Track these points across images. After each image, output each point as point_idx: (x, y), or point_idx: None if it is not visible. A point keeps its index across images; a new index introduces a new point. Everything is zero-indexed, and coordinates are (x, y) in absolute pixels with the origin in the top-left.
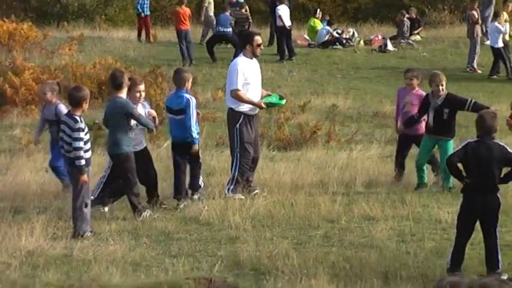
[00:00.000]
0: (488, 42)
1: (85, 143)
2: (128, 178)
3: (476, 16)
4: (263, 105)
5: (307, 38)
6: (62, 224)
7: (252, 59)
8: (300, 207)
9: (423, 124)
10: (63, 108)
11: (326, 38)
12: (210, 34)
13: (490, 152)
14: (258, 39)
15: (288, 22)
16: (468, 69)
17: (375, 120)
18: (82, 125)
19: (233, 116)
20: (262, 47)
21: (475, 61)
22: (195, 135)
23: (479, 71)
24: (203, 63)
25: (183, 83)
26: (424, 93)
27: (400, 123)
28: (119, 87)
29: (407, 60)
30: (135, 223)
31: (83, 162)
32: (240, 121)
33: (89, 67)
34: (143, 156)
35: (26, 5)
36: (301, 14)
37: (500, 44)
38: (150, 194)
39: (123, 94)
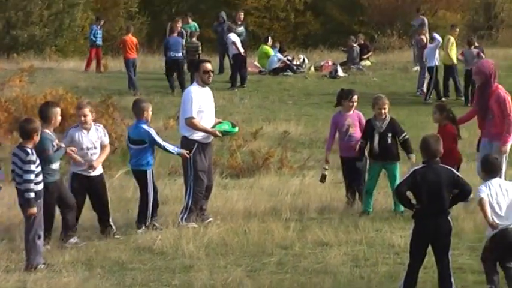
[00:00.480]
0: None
1: (36, 175)
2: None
3: (425, 41)
4: (218, 134)
5: (258, 65)
6: (15, 257)
7: (204, 86)
8: (254, 234)
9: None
10: None
11: (277, 64)
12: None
13: (439, 176)
14: (205, 66)
15: (241, 49)
16: (418, 93)
17: None
18: (33, 158)
19: (187, 144)
20: (211, 74)
21: (424, 85)
22: (172, 149)
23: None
24: (153, 92)
25: (141, 113)
26: (360, 113)
27: (342, 146)
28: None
29: (358, 86)
30: (88, 254)
31: (32, 194)
32: (194, 149)
33: (40, 98)
34: (97, 183)
35: None
36: (251, 41)
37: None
38: (102, 223)
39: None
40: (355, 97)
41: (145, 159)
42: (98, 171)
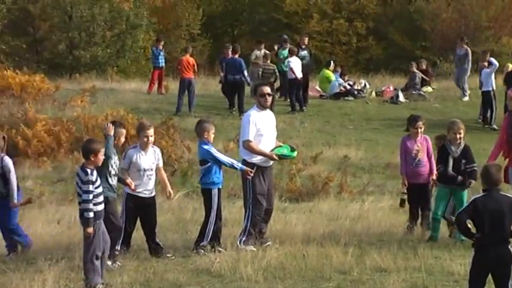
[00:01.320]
0: (466, 99)
1: (95, 196)
2: None
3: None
4: (275, 157)
5: (319, 89)
6: (74, 276)
7: (263, 110)
8: (312, 258)
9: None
10: (8, 161)
11: (338, 89)
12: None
13: (500, 204)
14: (262, 89)
15: (299, 74)
16: (480, 120)
17: (387, 172)
18: (92, 178)
19: (246, 167)
20: (268, 97)
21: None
22: (236, 164)
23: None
24: (214, 114)
25: (202, 134)
26: (427, 137)
27: (410, 173)
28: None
29: (419, 112)
30: (146, 275)
31: (91, 214)
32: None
33: (101, 119)
34: (150, 204)
35: (39, 57)
36: (312, 66)
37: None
38: (151, 243)
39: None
40: (420, 123)
41: (209, 178)
42: (152, 192)
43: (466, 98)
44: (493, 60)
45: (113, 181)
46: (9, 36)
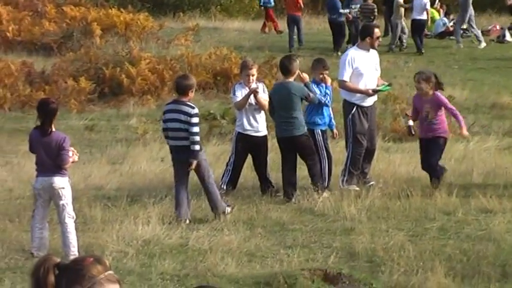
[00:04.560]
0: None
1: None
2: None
3: None
4: (370, 92)
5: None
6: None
7: (368, 51)
8: (416, 199)
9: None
10: None
11: (443, 28)
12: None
13: None
14: (377, 31)
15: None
16: None
17: (493, 112)
18: (198, 111)
19: (347, 107)
20: (380, 39)
21: None
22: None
23: None
24: (317, 53)
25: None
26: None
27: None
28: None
29: None
30: (249, 213)
31: (198, 147)
32: (353, 112)
33: (205, 57)
34: (262, 144)
35: None
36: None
37: None
38: (264, 183)
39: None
40: None
41: (311, 118)
42: (263, 132)
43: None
44: None
45: None
46: None
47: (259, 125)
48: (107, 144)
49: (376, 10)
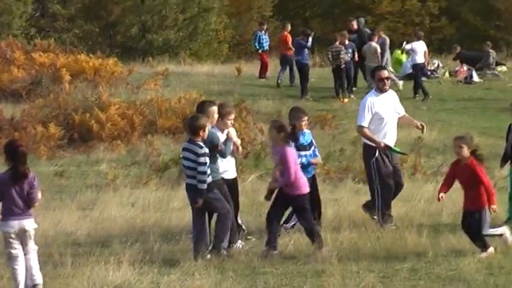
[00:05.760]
0: None
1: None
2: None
3: None
4: (382, 145)
5: (392, 70)
6: (149, 258)
7: (381, 93)
8: (386, 240)
9: None
10: None
11: (410, 70)
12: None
13: None
14: (380, 73)
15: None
16: None
17: None
18: (207, 151)
19: (368, 150)
20: (386, 81)
21: None
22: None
23: None
24: (285, 96)
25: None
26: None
27: None
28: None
29: (493, 92)
30: (221, 257)
31: (204, 186)
32: (376, 156)
33: (174, 102)
34: (233, 186)
35: (112, 41)
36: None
37: None
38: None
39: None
40: None
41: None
42: (233, 174)
43: None
44: None
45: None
46: (82, 21)
47: (231, 168)
48: (77, 190)
49: (343, 52)
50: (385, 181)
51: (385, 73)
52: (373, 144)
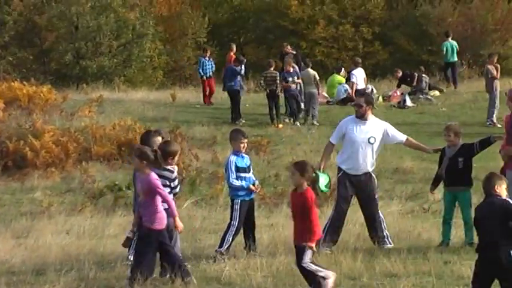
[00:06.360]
0: None
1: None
2: None
3: (495, 71)
4: (316, 171)
5: (326, 95)
6: (84, 286)
7: (357, 118)
8: (321, 264)
9: None
10: None
11: (344, 95)
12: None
13: (488, 208)
14: (356, 100)
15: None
16: (488, 123)
17: (395, 176)
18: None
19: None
20: (359, 108)
21: (494, 115)
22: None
23: (498, 125)
24: (220, 122)
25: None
26: None
27: None
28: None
29: (427, 116)
30: (156, 284)
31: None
32: (339, 175)
33: (109, 129)
34: None
35: (46, 68)
36: (319, 71)
37: None
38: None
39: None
40: None
41: (232, 191)
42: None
43: None
44: None
45: None
46: (16, 48)
47: None
48: (12, 218)
49: (278, 78)
50: (338, 201)
51: (360, 100)
52: (338, 164)
